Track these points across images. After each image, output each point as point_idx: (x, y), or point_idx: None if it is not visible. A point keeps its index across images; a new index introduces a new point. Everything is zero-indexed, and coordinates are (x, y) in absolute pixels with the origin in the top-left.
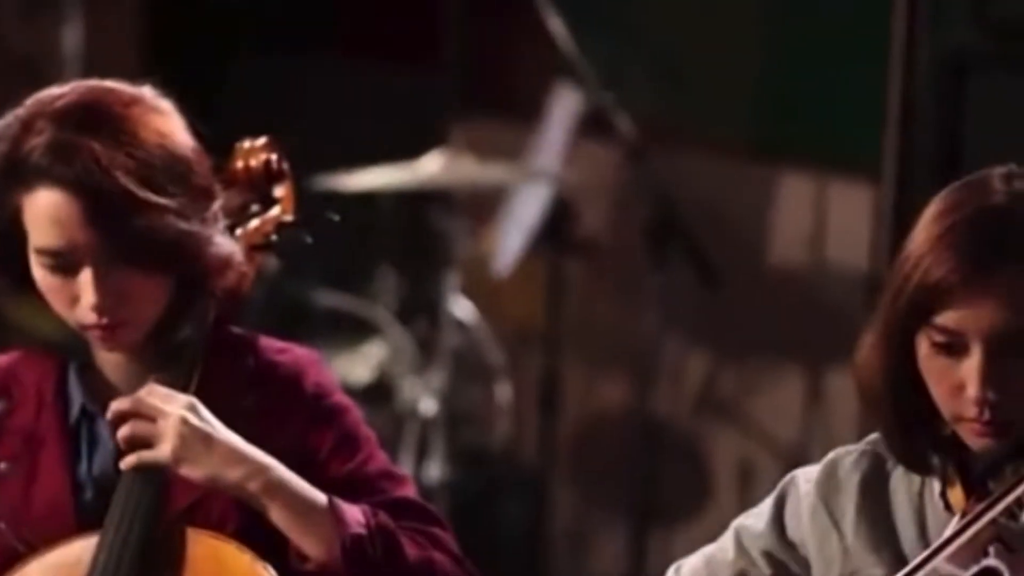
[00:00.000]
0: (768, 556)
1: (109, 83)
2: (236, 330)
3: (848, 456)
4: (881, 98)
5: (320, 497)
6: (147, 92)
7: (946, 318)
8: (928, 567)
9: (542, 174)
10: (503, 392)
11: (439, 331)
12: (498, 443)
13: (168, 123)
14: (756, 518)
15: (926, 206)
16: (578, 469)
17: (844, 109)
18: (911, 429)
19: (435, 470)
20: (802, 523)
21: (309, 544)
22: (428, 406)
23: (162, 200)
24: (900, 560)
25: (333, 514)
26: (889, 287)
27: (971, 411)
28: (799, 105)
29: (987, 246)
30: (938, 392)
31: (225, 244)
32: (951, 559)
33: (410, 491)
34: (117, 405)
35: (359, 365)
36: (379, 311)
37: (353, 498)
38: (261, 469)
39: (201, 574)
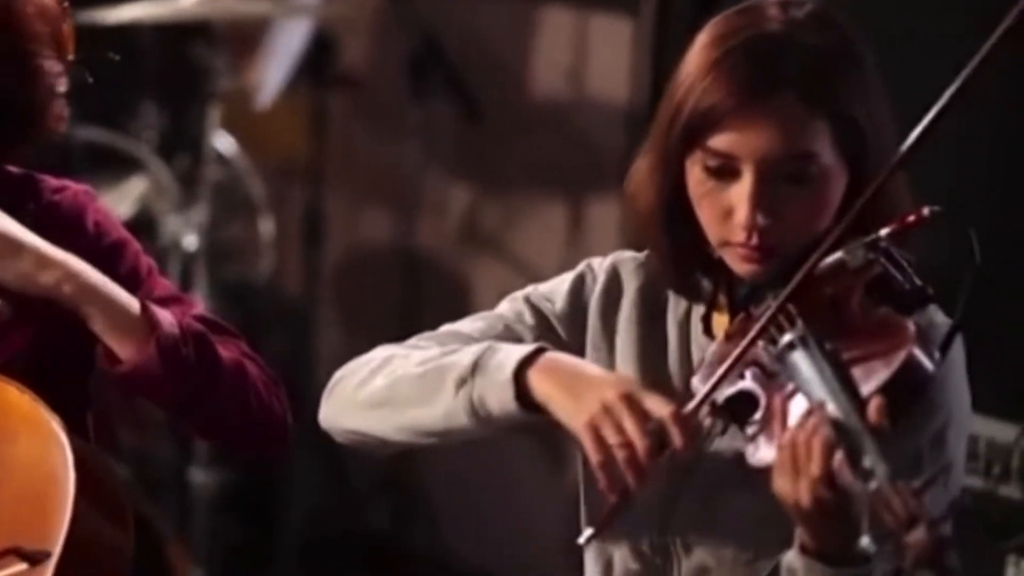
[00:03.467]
0: (560, 337)
1: None
2: (12, 169)
3: (631, 262)
4: None
5: (133, 301)
6: None
7: (719, 141)
8: (699, 398)
9: (303, 7)
10: (266, 226)
11: (201, 166)
12: (262, 277)
13: None
14: (551, 296)
15: (685, 39)
16: (342, 302)
17: None
18: (682, 254)
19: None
20: (592, 314)
21: (124, 346)
22: (191, 241)
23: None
24: (662, 378)
25: (146, 315)
26: (662, 113)
27: (739, 235)
28: None
29: (762, 72)
30: (707, 217)
31: (61, 103)
32: (706, 380)
33: (201, 310)
34: None
35: (121, 201)
36: (140, 146)
37: None
38: (75, 272)
39: None
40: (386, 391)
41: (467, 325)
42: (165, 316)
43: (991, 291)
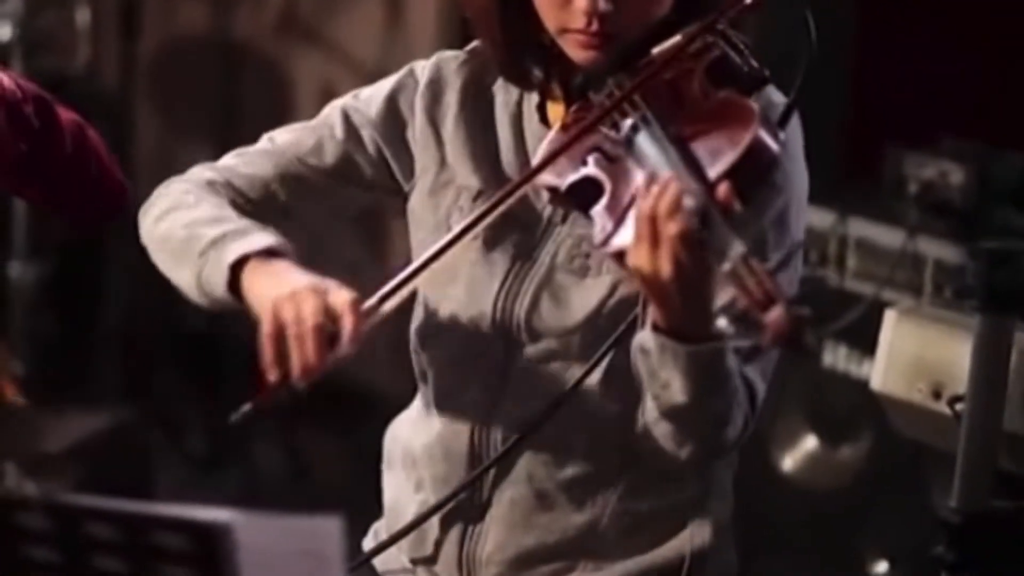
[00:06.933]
0: (375, 144)
1: None
2: None
3: (454, 60)
4: None
5: None
6: None
7: None
8: (532, 181)
9: None
10: (82, 16)
11: None
12: (78, 68)
13: None
14: (368, 103)
15: None
16: (160, 94)
17: None
18: (516, 42)
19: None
20: (413, 119)
21: None
22: (5, 31)
23: None
24: (496, 170)
25: None
26: None
27: (579, 21)
28: None
29: None
30: (547, 4)
31: None
32: (549, 169)
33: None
34: None
35: None
36: None
37: None
38: None
39: None
40: (163, 242)
41: (281, 135)
42: (2, 76)
43: (805, 75)
